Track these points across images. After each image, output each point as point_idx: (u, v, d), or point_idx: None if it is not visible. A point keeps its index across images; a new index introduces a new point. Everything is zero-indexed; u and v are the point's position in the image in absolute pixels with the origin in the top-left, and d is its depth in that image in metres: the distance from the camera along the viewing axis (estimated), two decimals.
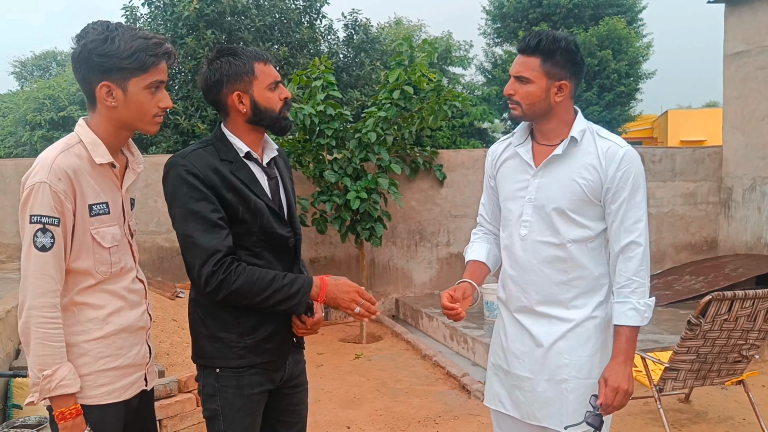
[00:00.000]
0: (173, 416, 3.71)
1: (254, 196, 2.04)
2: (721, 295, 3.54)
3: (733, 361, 3.87)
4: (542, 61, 2.05)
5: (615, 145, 2.08)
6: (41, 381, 1.77)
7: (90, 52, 1.80)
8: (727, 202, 8.40)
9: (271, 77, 2.07)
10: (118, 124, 1.89)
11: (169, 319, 4.83)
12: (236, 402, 2.09)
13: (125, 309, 1.95)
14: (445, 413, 4.40)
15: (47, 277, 1.77)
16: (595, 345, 2.13)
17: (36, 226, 1.76)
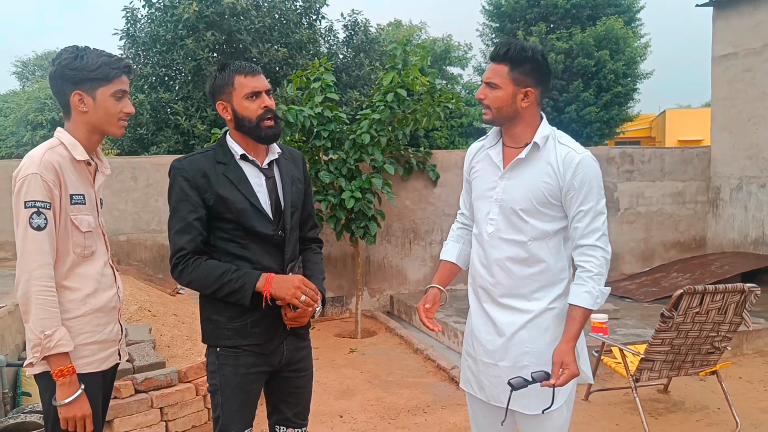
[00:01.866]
0: (173, 404, 3.90)
1: (238, 194, 2.27)
2: (692, 289, 3.74)
3: (707, 352, 4.07)
4: (510, 69, 2.23)
5: (573, 152, 2.25)
6: (42, 341, 2.05)
7: (64, 67, 2.15)
8: (715, 201, 8.59)
9: (248, 88, 2.28)
10: (89, 127, 2.22)
11: (169, 314, 5.02)
12: (233, 379, 2.31)
13: (99, 291, 2.24)
14: (434, 403, 4.60)
15: (43, 252, 2.07)
16: (553, 334, 2.31)
17: (31, 210, 2.06)
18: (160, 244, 6.82)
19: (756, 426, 4.09)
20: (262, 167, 2.36)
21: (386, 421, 4.32)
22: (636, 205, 8.41)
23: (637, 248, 8.46)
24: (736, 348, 5.49)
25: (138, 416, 3.77)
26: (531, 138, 2.30)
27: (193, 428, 3.99)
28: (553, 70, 18.40)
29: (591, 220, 2.25)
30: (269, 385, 2.49)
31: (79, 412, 2.12)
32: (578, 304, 2.22)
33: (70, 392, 2.09)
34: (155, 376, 3.90)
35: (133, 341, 4.19)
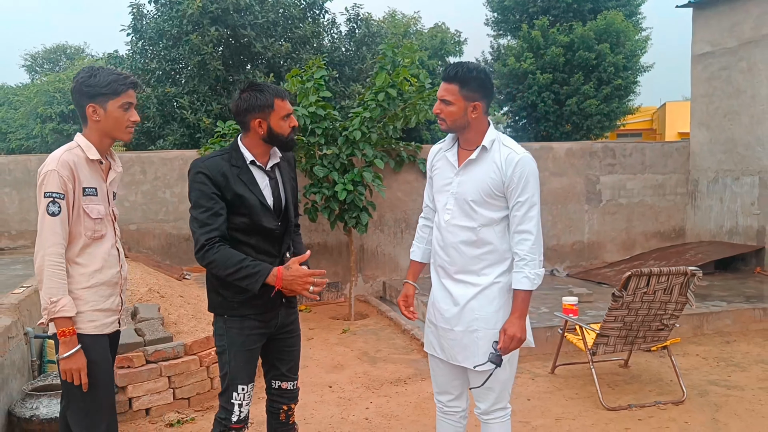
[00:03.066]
0: (180, 374, 4.39)
1: (251, 194, 2.74)
2: (639, 271, 4.20)
3: (656, 329, 4.53)
4: (460, 88, 2.70)
5: (513, 153, 2.71)
6: (49, 306, 2.50)
7: (81, 84, 2.61)
8: (693, 194, 9.04)
9: (285, 110, 2.77)
10: (101, 133, 2.66)
11: (176, 295, 5.52)
12: (238, 340, 2.80)
13: (105, 268, 2.68)
14: (415, 376, 5.08)
15: (56, 234, 2.53)
16: (498, 303, 2.78)
17: (48, 199, 2.52)
18: (168, 233, 7.32)
19: (701, 395, 4.56)
20: (266, 170, 2.84)
21: (370, 390, 4.81)
22: (618, 197, 8.86)
23: (619, 238, 8.91)
24: (696, 328, 5.97)
25: (149, 383, 4.27)
26: (480, 141, 2.76)
27: (197, 395, 4.49)
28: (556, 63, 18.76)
29: (527, 210, 2.71)
30: (265, 348, 2.96)
31: (75, 365, 2.55)
32: (520, 288, 2.70)
33: (68, 349, 2.54)
34: (164, 348, 4.39)
35: (144, 318, 4.69)
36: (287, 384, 3.02)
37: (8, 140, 28.45)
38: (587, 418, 4.19)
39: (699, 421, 4.13)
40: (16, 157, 7.17)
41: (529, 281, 2.70)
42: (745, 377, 4.92)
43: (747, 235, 8.24)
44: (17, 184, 6.97)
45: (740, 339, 5.89)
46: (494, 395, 2.84)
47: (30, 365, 3.99)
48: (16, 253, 6.63)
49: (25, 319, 3.99)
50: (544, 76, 18.88)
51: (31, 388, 3.64)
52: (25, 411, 3.46)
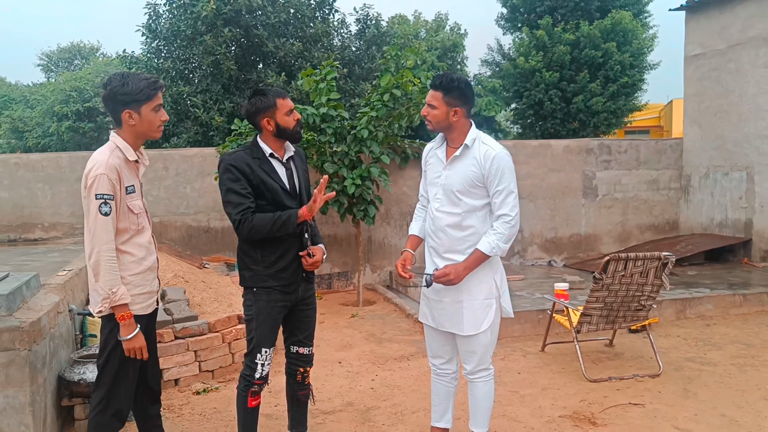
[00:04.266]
0: (205, 348, 4.89)
1: (272, 180, 3.25)
2: (617, 256, 4.67)
3: (635, 309, 4.99)
4: (443, 95, 3.19)
5: (490, 149, 3.19)
6: (111, 295, 2.87)
7: (115, 93, 2.92)
8: (686, 188, 9.47)
9: (287, 107, 3.28)
10: (136, 135, 3.01)
11: (199, 281, 6.03)
12: (265, 310, 3.31)
13: (147, 255, 3.07)
14: (417, 353, 5.57)
15: (109, 231, 2.88)
16: (479, 278, 3.26)
17: (100, 200, 2.84)
18: (188, 225, 7.84)
19: (677, 370, 5.02)
20: (283, 161, 3.35)
21: (376, 365, 5.30)
22: (613, 192, 9.30)
23: (614, 231, 9.36)
24: (680, 312, 6.42)
25: (177, 356, 4.78)
26: (463, 140, 3.24)
27: (220, 368, 4.99)
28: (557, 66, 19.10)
29: (504, 197, 3.18)
30: (286, 318, 3.47)
31: (137, 344, 2.97)
32: (479, 248, 3.18)
33: (129, 331, 2.94)
34: (190, 326, 4.89)
35: (172, 300, 5.19)
36: (304, 349, 3.53)
37: (25, 138, 29.08)
38: (570, 388, 4.66)
39: (671, 390, 4.59)
40: (48, 154, 7.70)
41: (489, 246, 3.16)
42: (720, 355, 5.37)
43: (735, 227, 8.67)
44: (49, 179, 7.50)
45: (720, 322, 6.34)
46: (477, 357, 3.33)
47: (74, 338, 4.50)
48: (49, 243, 7.15)
49: (69, 297, 4.50)
50: (551, 74, 19.26)
51: (78, 356, 4.15)
52: (74, 375, 3.96)
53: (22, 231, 7.54)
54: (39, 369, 3.63)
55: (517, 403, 4.42)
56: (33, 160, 7.59)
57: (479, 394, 3.40)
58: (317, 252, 3.40)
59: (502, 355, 5.41)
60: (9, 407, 3.40)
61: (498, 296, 3.32)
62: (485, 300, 3.28)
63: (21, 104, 33.14)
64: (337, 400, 4.54)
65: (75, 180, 7.44)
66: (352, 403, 4.48)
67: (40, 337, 3.66)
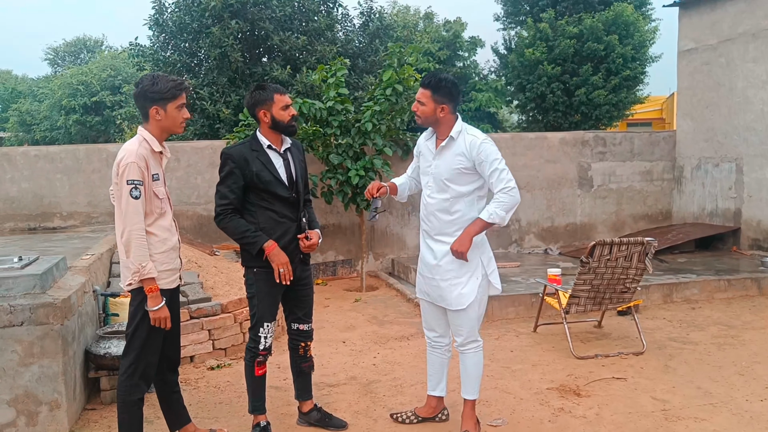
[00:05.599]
0: (218, 328, 5.25)
1: (267, 171, 3.57)
2: (603, 241, 5.00)
3: (620, 291, 5.33)
4: (432, 93, 3.53)
5: (475, 138, 3.52)
6: (140, 269, 3.17)
7: (146, 91, 3.24)
8: (679, 179, 9.78)
9: (283, 102, 3.61)
10: (161, 129, 3.31)
11: (211, 266, 6.39)
12: (264, 288, 3.65)
13: (170, 236, 3.37)
14: (416, 334, 5.92)
15: (138, 213, 3.18)
16: (468, 257, 3.60)
17: (131, 186, 3.15)
18: (199, 214, 8.19)
19: (660, 348, 5.36)
20: (281, 153, 3.67)
21: (378, 344, 5.65)
22: (608, 183, 9.62)
23: (609, 220, 9.69)
24: (666, 296, 6.76)
25: (192, 335, 5.14)
26: (449, 134, 3.57)
27: (232, 346, 5.35)
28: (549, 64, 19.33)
29: (498, 174, 3.47)
30: (285, 297, 3.80)
31: (163, 314, 3.28)
32: (480, 216, 3.49)
33: (156, 302, 3.25)
34: (204, 306, 5.25)
35: (187, 282, 5.54)
36: (303, 326, 3.88)
37: (33, 131, 29.48)
38: (559, 365, 5.01)
39: (652, 366, 4.93)
40: (66, 147, 8.05)
41: (487, 213, 3.46)
42: (702, 335, 5.71)
43: (725, 216, 8.99)
44: (67, 170, 7.87)
45: (705, 306, 6.67)
46: (466, 330, 3.67)
47: (98, 317, 4.86)
48: (68, 231, 7.51)
49: (93, 279, 4.86)
50: (554, 67, 19.47)
51: (103, 332, 4.51)
52: (100, 349, 4.32)
53: (42, 220, 7.91)
54: (69, 342, 3.99)
55: (509, 377, 4.77)
56: (52, 152, 7.94)
57: (469, 363, 3.75)
58: (313, 236, 3.73)
59: (496, 336, 5.75)
60: (44, 376, 3.78)
61: (484, 274, 3.66)
62: (470, 278, 3.61)
63: (29, 98, 33.48)
64: (341, 375, 4.89)
65: (91, 171, 7.81)
66: (355, 378, 4.83)
67: (71, 313, 4.02)
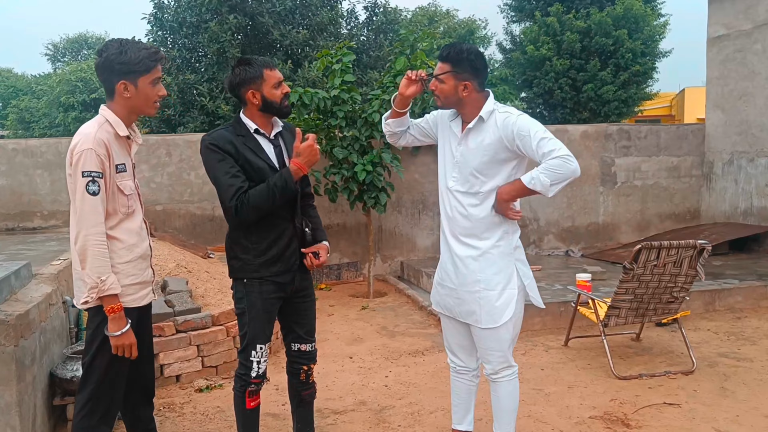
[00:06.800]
0: (208, 343, 4.61)
1: (258, 158, 2.92)
2: (650, 245, 4.35)
3: (667, 301, 4.67)
4: (452, 67, 2.86)
5: (510, 115, 2.86)
6: (99, 284, 2.53)
7: (111, 61, 2.60)
8: (708, 175, 9.11)
9: (275, 79, 2.95)
10: (130, 109, 2.69)
11: (202, 271, 5.74)
12: (257, 303, 2.99)
13: (139, 242, 2.74)
14: (432, 348, 5.27)
15: (97, 213, 2.55)
16: (499, 266, 2.94)
17: (87, 178, 2.52)
18: (192, 213, 7.55)
19: (711, 366, 4.70)
20: (271, 138, 3.03)
21: (389, 361, 5.00)
22: (632, 179, 8.96)
23: (633, 219, 9.02)
24: (708, 305, 6.10)
25: (179, 351, 4.50)
26: (477, 114, 2.92)
27: (224, 363, 4.71)
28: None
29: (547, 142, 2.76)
30: (283, 312, 3.15)
31: (127, 341, 2.63)
32: (522, 180, 2.82)
33: (119, 326, 2.60)
34: (193, 318, 4.61)
35: (174, 291, 4.91)
36: (306, 346, 3.20)
37: (32, 129, 29.01)
38: (598, 386, 4.36)
39: (707, 389, 4.28)
40: (47, 140, 7.43)
41: (529, 177, 2.80)
42: (755, 350, 5.05)
43: (761, 215, 8.32)
44: (49, 165, 7.23)
45: (751, 315, 6.01)
46: (498, 354, 3.02)
47: (68, 332, 4.22)
48: (48, 232, 6.88)
49: (63, 288, 4.22)
50: (561, 62, 18.87)
51: (71, 351, 3.87)
52: (66, 372, 3.68)
53: (21, 219, 7.27)
54: (27, 366, 3.35)
55: (543, 402, 4.12)
56: (32, 145, 7.31)
57: (503, 394, 3.10)
58: (322, 252, 3.09)
59: (523, 350, 5.10)
60: None
61: (520, 286, 3.01)
62: (505, 290, 2.96)
63: (27, 95, 33.03)
64: (348, 399, 4.25)
65: None
66: (364, 402, 4.19)
67: (29, 331, 3.37)
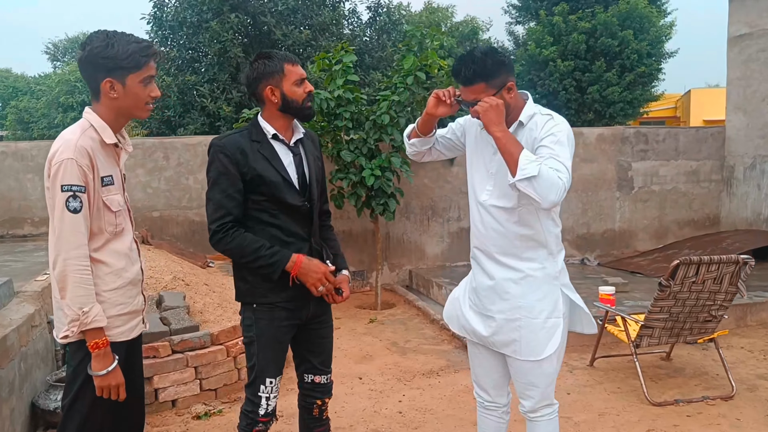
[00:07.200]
0: (206, 364, 4.24)
1: (272, 169, 2.57)
2: (689, 260, 3.98)
3: (704, 320, 4.31)
4: (485, 82, 2.47)
5: (551, 119, 2.50)
6: (81, 317, 2.19)
7: (95, 56, 2.25)
8: (729, 180, 8.75)
9: (297, 75, 2.60)
10: (118, 112, 2.33)
11: (201, 283, 5.38)
12: (268, 331, 2.64)
13: (129, 265, 2.40)
14: (447, 367, 4.91)
15: (79, 233, 2.21)
16: (543, 291, 2.57)
17: (67, 193, 2.18)
18: (191, 220, 7.19)
19: (751, 390, 4.34)
20: (290, 145, 2.67)
21: (402, 382, 4.64)
22: (650, 184, 8.59)
23: (651, 226, 8.65)
24: (739, 320, 5.73)
25: (175, 374, 4.14)
26: (517, 118, 2.55)
27: (224, 386, 4.35)
28: (576, 49, 18.40)
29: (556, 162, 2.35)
30: (296, 339, 2.80)
31: (114, 381, 2.28)
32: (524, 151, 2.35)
33: (105, 364, 2.25)
34: (190, 338, 4.25)
35: (169, 307, 4.55)
36: (320, 378, 2.85)
37: (31, 129, 28.69)
38: (632, 414, 4.00)
39: (751, 417, 3.92)
40: (38, 142, 7.07)
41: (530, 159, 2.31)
42: None
43: None
44: (40, 170, 6.83)
45: None
46: (540, 391, 2.65)
47: (54, 354, 3.87)
48: (39, 240, 6.53)
49: (49, 307, 3.86)
50: (566, 63, 18.54)
51: (55, 379, 3.52)
52: (49, 403, 3.33)
53: (10, 226, 6.92)
54: (5, 398, 3.00)
55: None
56: (22, 148, 6.96)
57: None
58: (344, 285, 2.76)
59: None
60: None
61: (566, 314, 2.65)
62: (549, 319, 2.59)
63: (27, 95, 32.74)
64: (360, 428, 3.88)
65: None
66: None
67: (6, 359, 3.03)
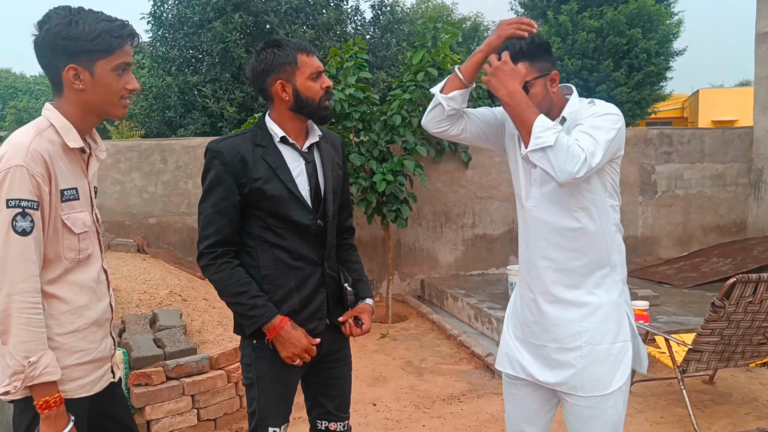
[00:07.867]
0: (205, 392, 3.82)
1: (277, 181, 2.15)
2: (746, 278, 3.54)
3: (758, 343, 3.87)
4: (530, 63, 2.09)
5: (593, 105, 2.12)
6: (26, 368, 1.70)
7: (55, 36, 1.77)
8: (756, 184, 8.30)
9: (313, 67, 2.17)
10: (85, 108, 1.86)
11: (200, 298, 4.95)
12: (269, 373, 2.21)
13: (94, 302, 1.92)
14: (470, 392, 4.47)
15: (29, 261, 1.73)
16: (606, 311, 2.14)
17: (15, 210, 1.71)
18: (190, 226, 6.77)
19: None
20: (302, 151, 2.24)
21: (421, 410, 4.20)
22: (674, 188, 8.15)
23: (675, 232, 8.21)
24: None
25: (169, 404, 3.71)
26: (559, 114, 2.17)
27: (225, 415, 3.92)
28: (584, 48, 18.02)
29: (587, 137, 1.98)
30: (307, 379, 2.38)
31: None
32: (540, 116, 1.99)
33: (58, 428, 1.75)
34: (186, 362, 3.82)
35: (164, 326, 4.13)
36: (335, 425, 2.42)
37: None
38: None
39: None
40: None
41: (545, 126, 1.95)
42: None
43: None
44: None
45: None
46: None
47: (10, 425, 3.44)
48: None
49: None
50: (573, 62, 18.17)
51: None
52: None
53: None
54: None
55: None
56: None
57: None
58: (365, 316, 2.36)
59: None
60: None
61: (633, 336, 2.22)
62: (615, 343, 2.15)
63: (26, 95, 32.52)
64: None
65: None
66: None
67: None
